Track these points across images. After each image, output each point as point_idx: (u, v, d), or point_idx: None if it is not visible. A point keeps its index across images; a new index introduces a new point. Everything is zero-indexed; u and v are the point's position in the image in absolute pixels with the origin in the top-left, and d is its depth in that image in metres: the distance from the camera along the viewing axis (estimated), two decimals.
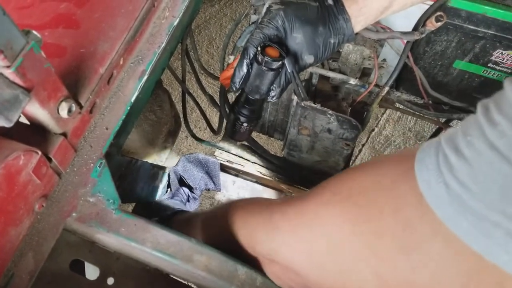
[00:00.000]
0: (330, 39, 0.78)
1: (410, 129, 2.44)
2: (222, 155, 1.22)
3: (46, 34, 0.68)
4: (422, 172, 0.40)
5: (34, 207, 0.57)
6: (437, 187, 0.38)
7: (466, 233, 0.36)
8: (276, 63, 0.75)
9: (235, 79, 0.80)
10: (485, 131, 0.36)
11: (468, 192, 0.36)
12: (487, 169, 0.35)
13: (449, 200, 0.37)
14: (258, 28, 0.77)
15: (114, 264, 0.64)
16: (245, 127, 0.89)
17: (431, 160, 0.40)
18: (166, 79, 2.25)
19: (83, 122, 0.64)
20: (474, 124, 0.38)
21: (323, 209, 0.51)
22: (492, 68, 0.96)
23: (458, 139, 0.38)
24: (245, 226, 0.65)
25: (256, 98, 0.83)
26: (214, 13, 2.66)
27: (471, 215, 0.36)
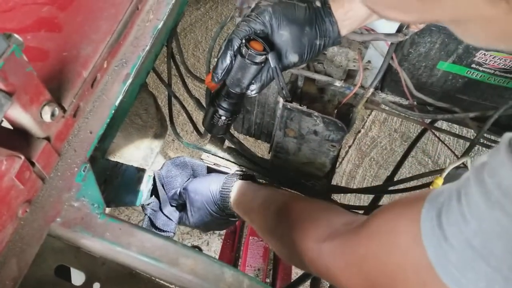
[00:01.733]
0: (316, 40, 0.78)
1: (396, 130, 2.46)
2: (209, 158, 1.21)
3: (28, 37, 0.67)
4: (429, 248, 0.44)
5: (18, 213, 0.57)
6: (443, 262, 0.42)
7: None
8: (259, 56, 0.75)
9: (217, 70, 0.80)
10: (461, 228, 0.40)
11: (464, 278, 0.40)
12: (472, 264, 0.39)
13: (455, 278, 0.41)
14: (244, 21, 0.77)
15: (99, 269, 0.64)
16: (223, 120, 0.88)
17: (432, 242, 0.43)
18: (152, 83, 2.24)
19: (66, 126, 0.64)
20: (452, 212, 0.42)
21: (363, 262, 0.56)
22: (475, 69, 0.97)
23: (444, 224, 0.42)
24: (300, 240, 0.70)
25: (236, 91, 0.82)
26: (200, 16, 2.66)
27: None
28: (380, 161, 2.39)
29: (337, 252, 0.63)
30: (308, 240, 0.68)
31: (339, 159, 2.32)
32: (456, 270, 0.41)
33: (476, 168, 0.41)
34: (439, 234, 0.42)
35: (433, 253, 0.43)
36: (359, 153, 2.41)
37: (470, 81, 1.00)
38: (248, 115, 1.14)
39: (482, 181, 0.39)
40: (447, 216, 0.42)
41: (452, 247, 0.41)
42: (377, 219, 0.58)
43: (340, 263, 0.62)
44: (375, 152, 2.41)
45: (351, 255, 0.60)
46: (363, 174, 2.37)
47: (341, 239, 0.63)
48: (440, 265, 0.42)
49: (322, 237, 0.66)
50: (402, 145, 2.41)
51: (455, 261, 0.41)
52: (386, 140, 2.44)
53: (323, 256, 0.65)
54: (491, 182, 0.38)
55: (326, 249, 0.64)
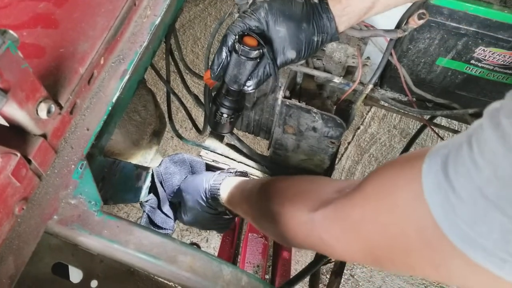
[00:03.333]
0: (313, 36, 0.78)
1: (395, 126, 2.46)
2: (208, 155, 1.21)
3: (24, 34, 0.67)
4: (434, 208, 0.42)
5: (14, 210, 0.56)
6: (449, 223, 0.40)
7: (481, 260, 0.39)
8: (253, 52, 0.74)
9: (213, 66, 0.80)
10: (473, 176, 0.38)
11: (474, 232, 0.38)
12: (484, 215, 0.37)
13: (462, 235, 0.39)
14: (240, 17, 0.77)
15: (97, 266, 0.63)
16: (225, 118, 0.88)
17: (438, 197, 0.42)
18: (151, 79, 2.23)
19: (63, 123, 0.63)
20: (462, 159, 0.39)
21: (362, 226, 0.55)
22: (475, 65, 0.97)
23: (451, 174, 0.40)
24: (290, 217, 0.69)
25: (235, 88, 0.82)
26: (199, 13, 2.65)
27: (481, 250, 0.38)
28: (380, 157, 2.39)
29: (331, 219, 0.61)
30: (300, 213, 0.66)
31: (338, 156, 2.31)
32: (465, 225, 0.38)
33: (490, 113, 0.38)
34: (446, 187, 0.40)
35: (438, 209, 0.41)
36: (358, 150, 2.41)
37: (469, 77, 1.00)
38: (247, 112, 1.14)
39: (498, 124, 0.37)
40: (454, 167, 0.40)
41: (461, 199, 0.39)
42: (372, 181, 0.56)
43: (335, 231, 0.59)
44: (374, 148, 2.41)
45: (346, 220, 0.58)
46: (362, 170, 2.37)
47: (334, 205, 0.60)
48: (447, 221, 0.40)
49: (314, 207, 0.64)
50: (401, 141, 2.41)
51: (464, 215, 0.39)
52: (385, 136, 2.44)
53: (316, 226, 0.63)
54: (509, 123, 0.36)
55: (319, 218, 0.62)
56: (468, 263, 0.40)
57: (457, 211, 0.39)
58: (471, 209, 0.38)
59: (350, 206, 0.58)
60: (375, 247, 0.53)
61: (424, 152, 0.45)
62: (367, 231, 0.54)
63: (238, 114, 0.90)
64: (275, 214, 0.73)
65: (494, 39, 0.89)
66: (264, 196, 0.81)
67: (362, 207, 0.55)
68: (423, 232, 0.44)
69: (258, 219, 0.85)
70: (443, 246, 0.41)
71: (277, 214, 0.72)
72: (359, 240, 0.56)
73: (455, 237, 0.40)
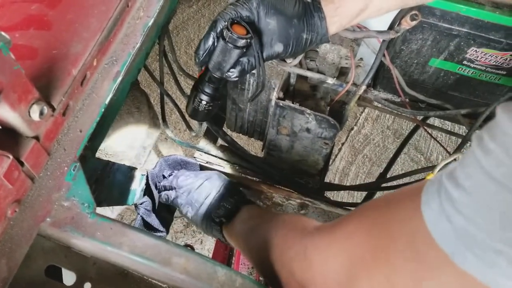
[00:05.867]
0: (303, 33, 0.78)
1: (389, 127, 2.47)
2: (202, 157, 1.21)
3: (16, 35, 0.66)
4: (427, 213, 0.42)
5: (7, 213, 0.56)
6: (441, 225, 0.40)
7: (472, 266, 0.38)
8: (241, 40, 0.74)
9: (199, 51, 0.79)
10: (481, 162, 0.38)
11: (471, 224, 0.38)
12: (488, 199, 0.37)
13: (454, 235, 0.39)
14: (232, 5, 0.77)
15: (91, 269, 0.63)
16: (204, 105, 0.87)
17: (434, 200, 0.42)
18: (144, 81, 2.23)
19: (56, 125, 0.63)
20: (471, 155, 0.39)
21: (350, 239, 0.55)
22: (467, 65, 0.97)
23: (457, 173, 0.40)
24: (282, 254, 0.67)
25: (217, 75, 0.81)
26: (192, 14, 2.65)
27: (475, 247, 0.38)
28: (373, 158, 2.40)
29: (320, 231, 0.62)
30: (291, 246, 0.66)
31: (332, 157, 2.32)
32: (464, 220, 0.38)
33: (502, 105, 0.38)
34: (446, 186, 0.40)
35: (431, 215, 0.42)
36: (352, 150, 2.41)
37: (462, 77, 1.01)
38: (241, 113, 1.14)
39: (510, 110, 0.37)
40: (461, 166, 0.40)
41: (463, 191, 0.39)
42: (368, 204, 0.57)
43: (322, 243, 0.60)
44: (368, 149, 2.42)
45: (336, 233, 0.58)
46: (356, 171, 2.37)
47: (326, 224, 0.62)
48: (439, 228, 0.41)
49: (304, 235, 0.65)
50: (394, 142, 2.42)
51: (465, 207, 0.38)
52: (379, 137, 2.45)
53: (306, 238, 0.63)
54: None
55: (310, 230, 0.64)
56: (457, 274, 0.39)
57: (457, 205, 0.39)
58: (473, 196, 0.38)
59: (345, 221, 0.58)
60: (357, 262, 0.53)
61: (420, 186, 0.46)
62: (355, 244, 0.54)
63: (217, 103, 0.89)
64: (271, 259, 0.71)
65: (486, 40, 0.90)
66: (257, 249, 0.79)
67: (357, 221, 0.56)
68: (414, 243, 0.44)
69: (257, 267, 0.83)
70: (433, 256, 0.41)
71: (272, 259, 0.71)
72: (343, 253, 0.55)
73: (447, 245, 0.40)
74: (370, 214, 0.55)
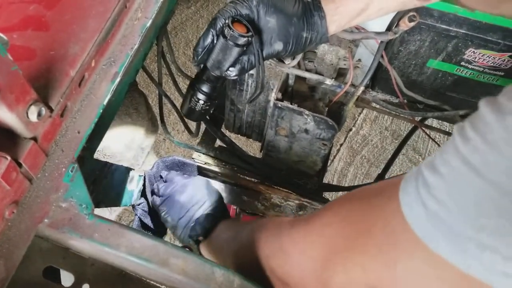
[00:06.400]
0: (302, 32, 0.77)
1: (387, 128, 2.47)
2: (200, 158, 1.21)
3: (14, 36, 0.66)
4: (403, 197, 0.43)
5: (4, 214, 0.56)
6: (416, 209, 0.41)
7: (444, 249, 0.39)
8: (242, 38, 0.73)
9: (197, 48, 0.78)
10: (459, 148, 0.39)
11: (444, 209, 0.39)
12: (462, 183, 0.38)
13: (427, 219, 0.40)
14: (232, 3, 0.77)
15: (89, 270, 0.63)
16: (201, 105, 0.85)
17: (411, 185, 0.43)
18: (143, 82, 2.23)
19: (54, 126, 0.63)
20: (451, 143, 0.40)
21: (326, 229, 0.56)
22: (465, 66, 0.97)
23: (436, 159, 0.41)
24: (261, 252, 0.68)
25: (216, 74, 0.80)
26: (191, 15, 2.65)
27: (447, 231, 0.38)
28: (371, 159, 2.40)
29: (297, 224, 0.63)
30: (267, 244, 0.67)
31: (330, 157, 2.32)
32: (437, 204, 0.39)
33: (486, 98, 0.39)
34: (423, 173, 0.42)
35: (407, 198, 0.43)
36: (350, 151, 2.42)
37: (460, 78, 1.01)
38: (239, 114, 1.14)
39: (494, 101, 0.38)
40: (440, 153, 0.41)
41: (440, 176, 0.40)
42: (346, 195, 0.58)
43: (298, 235, 0.61)
44: (366, 150, 2.42)
45: (314, 223, 0.59)
46: (354, 172, 2.37)
47: (302, 217, 0.63)
48: (413, 212, 0.42)
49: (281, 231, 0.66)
50: (393, 143, 2.42)
51: (440, 191, 0.39)
52: (377, 138, 2.45)
53: (283, 233, 0.64)
54: (505, 99, 0.37)
55: (286, 226, 0.64)
56: (429, 258, 0.40)
57: (432, 189, 0.40)
58: (449, 180, 0.39)
59: (321, 212, 0.59)
60: (333, 251, 0.53)
61: (398, 181, 0.47)
62: (331, 233, 0.55)
63: (214, 103, 0.87)
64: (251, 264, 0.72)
65: (483, 41, 0.90)
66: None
67: (333, 211, 0.57)
68: (389, 227, 0.45)
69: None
70: (407, 240, 0.42)
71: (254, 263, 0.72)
72: (319, 243, 0.56)
73: (420, 229, 0.41)
74: (346, 204, 0.56)
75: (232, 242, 0.84)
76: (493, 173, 0.36)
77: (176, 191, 1.06)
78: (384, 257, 0.46)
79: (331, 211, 0.57)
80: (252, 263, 0.69)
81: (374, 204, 0.50)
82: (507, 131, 0.36)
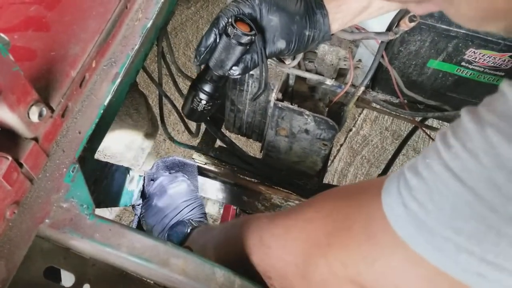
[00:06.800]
0: (305, 30, 0.77)
1: (387, 128, 2.47)
2: (200, 158, 1.21)
3: (15, 37, 0.66)
4: (385, 197, 0.45)
5: (5, 214, 0.56)
6: (397, 209, 0.43)
7: (422, 248, 0.41)
8: (245, 37, 0.73)
9: (200, 47, 0.78)
10: (441, 153, 0.41)
11: (424, 211, 0.41)
12: (442, 187, 0.40)
13: (407, 219, 0.42)
14: (234, 2, 0.77)
15: (89, 270, 0.63)
16: (203, 105, 0.85)
17: (393, 186, 0.45)
18: (143, 82, 2.23)
19: (55, 127, 0.63)
20: (433, 148, 0.42)
21: (308, 225, 0.57)
22: (465, 66, 0.97)
23: (418, 163, 0.43)
24: (244, 248, 0.68)
25: (219, 73, 0.80)
26: (191, 16, 2.65)
27: (426, 232, 0.40)
28: (372, 159, 2.40)
29: (277, 218, 0.64)
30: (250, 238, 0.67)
31: (330, 158, 2.32)
32: (417, 206, 0.41)
33: (467, 108, 0.42)
34: (405, 175, 0.43)
35: (388, 198, 0.45)
36: (350, 152, 2.42)
37: (460, 79, 1.01)
38: (240, 114, 1.14)
39: (474, 111, 0.40)
40: (422, 157, 0.43)
41: (421, 179, 0.41)
42: (329, 191, 0.59)
43: (278, 230, 0.61)
44: (366, 150, 2.42)
45: (296, 219, 0.60)
46: (354, 172, 2.37)
47: (282, 211, 0.65)
48: (394, 211, 0.43)
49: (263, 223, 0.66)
50: (393, 143, 2.42)
51: (420, 193, 0.41)
52: (377, 138, 2.45)
53: (262, 228, 0.65)
54: (484, 110, 0.39)
55: (265, 221, 0.65)
56: (408, 256, 0.42)
57: (413, 191, 0.42)
58: (429, 184, 0.41)
59: (304, 207, 0.61)
60: (315, 246, 0.54)
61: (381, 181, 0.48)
62: (313, 228, 0.56)
63: (216, 103, 0.87)
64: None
65: (484, 41, 0.90)
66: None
67: (317, 207, 0.58)
68: (369, 225, 0.47)
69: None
70: (387, 238, 0.44)
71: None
72: (301, 238, 0.57)
73: (400, 228, 0.43)
74: (330, 201, 0.57)
75: (211, 243, 0.84)
76: (472, 180, 0.38)
77: (154, 194, 1.06)
78: (364, 253, 0.48)
79: (313, 208, 0.59)
80: (235, 262, 0.69)
81: (357, 203, 0.51)
82: (486, 141, 0.37)
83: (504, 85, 0.39)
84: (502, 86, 0.39)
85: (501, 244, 0.37)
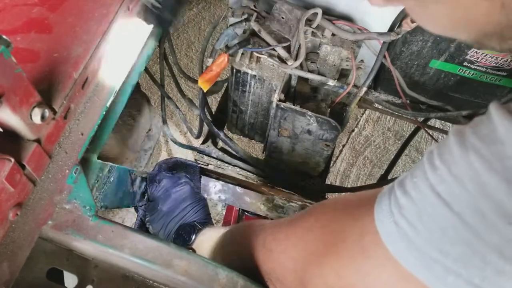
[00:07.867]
0: None
1: (390, 128, 2.46)
2: (203, 159, 1.21)
3: (18, 39, 0.66)
4: (378, 213, 0.46)
5: (8, 216, 0.56)
6: (388, 226, 0.44)
7: (412, 266, 0.42)
8: None
9: None
10: (428, 175, 0.41)
11: (413, 230, 0.41)
12: (430, 210, 0.40)
13: (398, 237, 0.43)
14: None
15: (92, 271, 0.63)
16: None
17: (385, 202, 0.46)
18: (145, 83, 2.23)
19: (57, 128, 0.63)
20: (420, 167, 0.43)
21: (307, 233, 0.59)
22: (468, 67, 0.97)
23: (406, 181, 0.44)
24: (247, 250, 0.70)
25: None
26: (193, 17, 2.65)
27: (415, 250, 0.41)
28: (374, 160, 2.39)
29: (279, 225, 0.66)
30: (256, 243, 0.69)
31: (333, 158, 2.32)
32: (407, 225, 0.42)
33: (456, 127, 0.42)
34: (396, 193, 0.44)
35: (380, 214, 0.45)
36: (353, 152, 2.41)
37: (462, 79, 1.01)
38: (242, 115, 1.14)
39: (460, 132, 0.40)
40: (410, 176, 0.44)
41: (409, 199, 0.42)
42: (326, 202, 0.61)
43: (280, 235, 0.63)
44: (369, 151, 2.42)
45: (295, 226, 0.61)
46: (357, 173, 2.37)
47: (284, 219, 0.66)
48: (386, 227, 0.44)
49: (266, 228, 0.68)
50: (395, 143, 2.42)
51: (410, 213, 0.42)
52: (379, 138, 2.44)
53: (266, 231, 0.67)
54: (471, 132, 0.39)
55: (269, 225, 0.68)
56: (398, 271, 0.43)
57: (403, 211, 0.43)
58: (418, 205, 0.41)
59: (305, 216, 0.62)
60: (312, 255, 0.56)
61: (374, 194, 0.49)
62: (311, 238, 0.57)
63: None
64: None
65: None
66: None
67: (316, 216, 0.59)
68: (362, 238, 0.48)
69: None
70: (379, 252, 0.45)
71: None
72: (300, 245, 0.59)
73: (391, 244, 0.44)
74: (329, 212, 0.59)
75: (217, 246, 0.85)
76: (458, 205, 0.39)
77: (159, 198, 1.07)
78: (357, 266, 0.49)
79: (314, 217, 0.60)
80: (238, 261, 0.71)
81: (352, 216, 0.52)
82: (470, 168, 0.38)
83: (492, 106, 0.39)
84: (490, 108, 0.39)
85: (487, 270, 0.38)
